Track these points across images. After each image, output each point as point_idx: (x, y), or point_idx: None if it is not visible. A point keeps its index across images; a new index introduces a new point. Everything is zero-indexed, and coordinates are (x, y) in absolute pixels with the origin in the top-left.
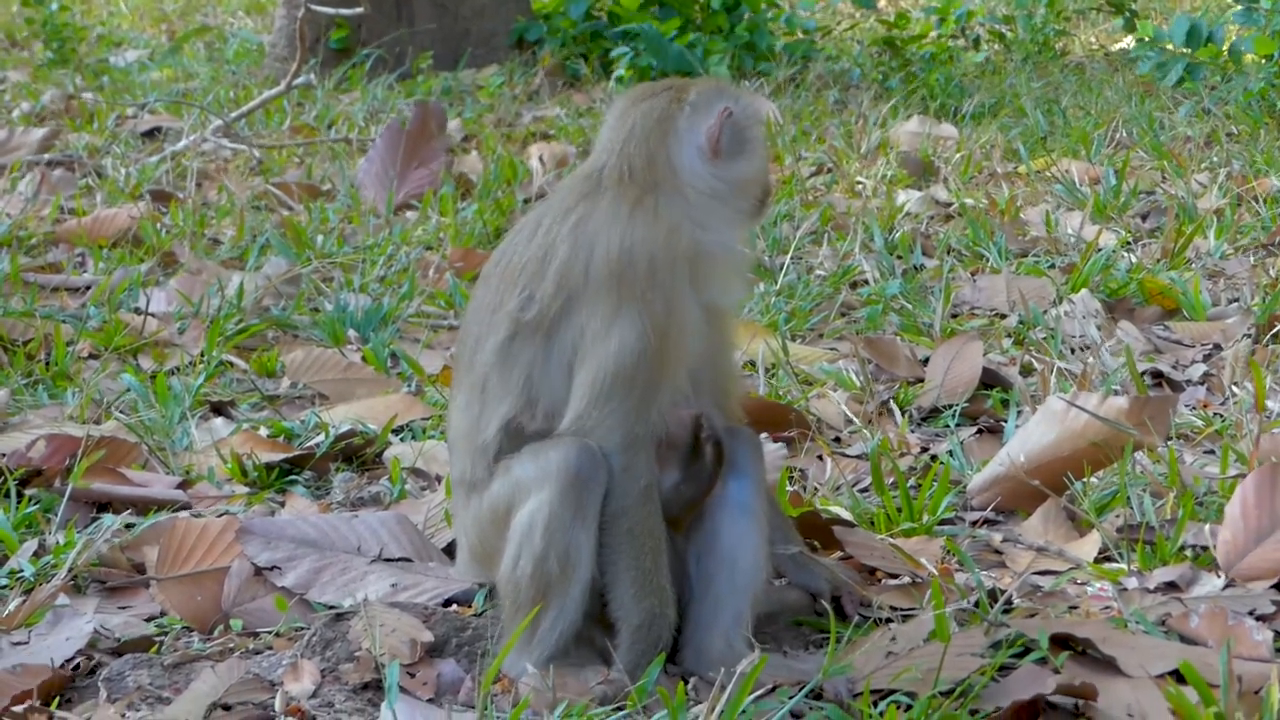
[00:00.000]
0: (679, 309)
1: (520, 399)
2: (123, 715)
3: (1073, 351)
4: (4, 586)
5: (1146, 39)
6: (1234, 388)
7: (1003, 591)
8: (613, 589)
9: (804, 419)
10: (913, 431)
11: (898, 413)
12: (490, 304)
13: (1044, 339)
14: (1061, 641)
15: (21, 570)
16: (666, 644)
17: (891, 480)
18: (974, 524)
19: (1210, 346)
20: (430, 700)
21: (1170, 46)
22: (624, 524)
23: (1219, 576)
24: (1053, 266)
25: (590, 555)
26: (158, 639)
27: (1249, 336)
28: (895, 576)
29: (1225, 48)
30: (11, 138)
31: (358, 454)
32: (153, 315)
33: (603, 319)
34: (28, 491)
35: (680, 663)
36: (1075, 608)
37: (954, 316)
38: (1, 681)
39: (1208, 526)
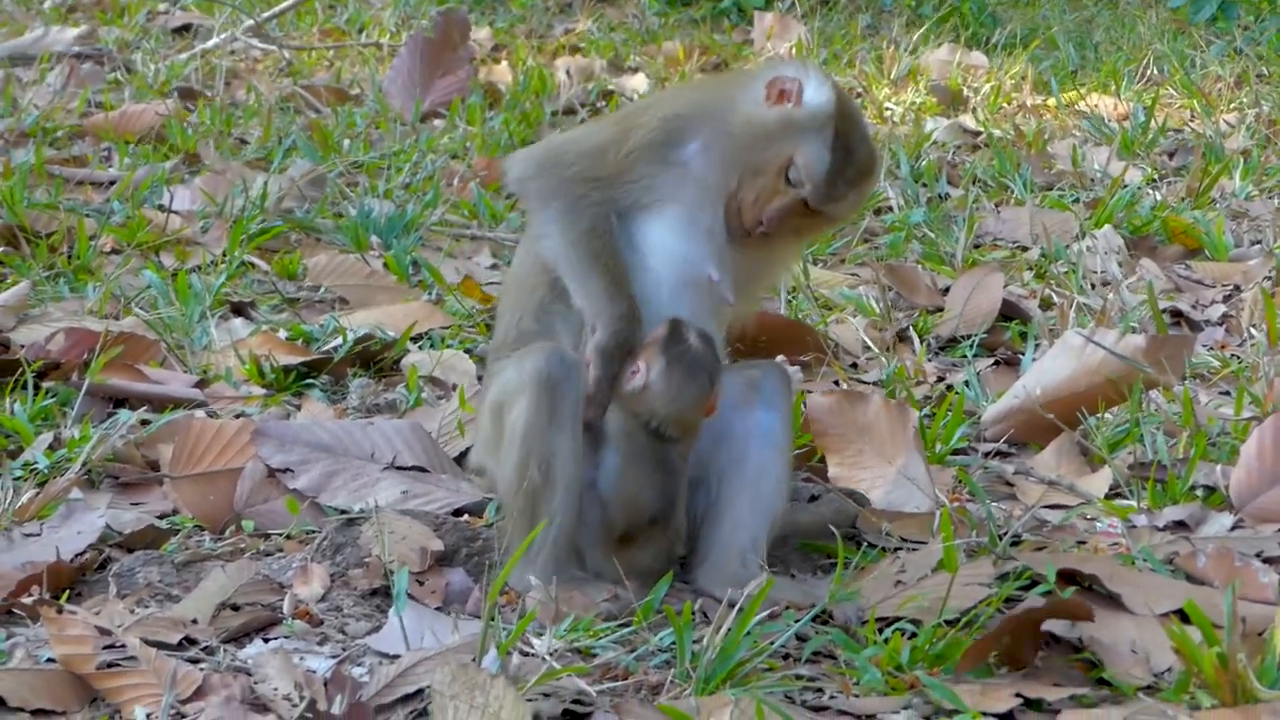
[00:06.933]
0: None
1: None
2: (132, 611)
3: (1093, 287)
4: (18, 478)
5: None
6: (1252, 330)
7: (1014, 521)
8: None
9: (822, 343)
10: (930, 360)
11: (916, 341)
12: None
13: (1065, 273)
14: (1068, 577)
15: (36, 462)
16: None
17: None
18: (987, 455)
19: (1230, 287)
20: (438, 609)
21: None
22: None
23: (1229, 515)
24: (1077, 201)
25: (571, 460)
26: (169, 537)
27: (1270, 279)
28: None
29: None
30: (47, 35)
31: (375, 360)
32: (176, 213)
33: None
34: (45, 384)
35: (693, 581)
36: (1084, 543)
37: (976, 247)
38: (5, 575)
39: (1219, 467)
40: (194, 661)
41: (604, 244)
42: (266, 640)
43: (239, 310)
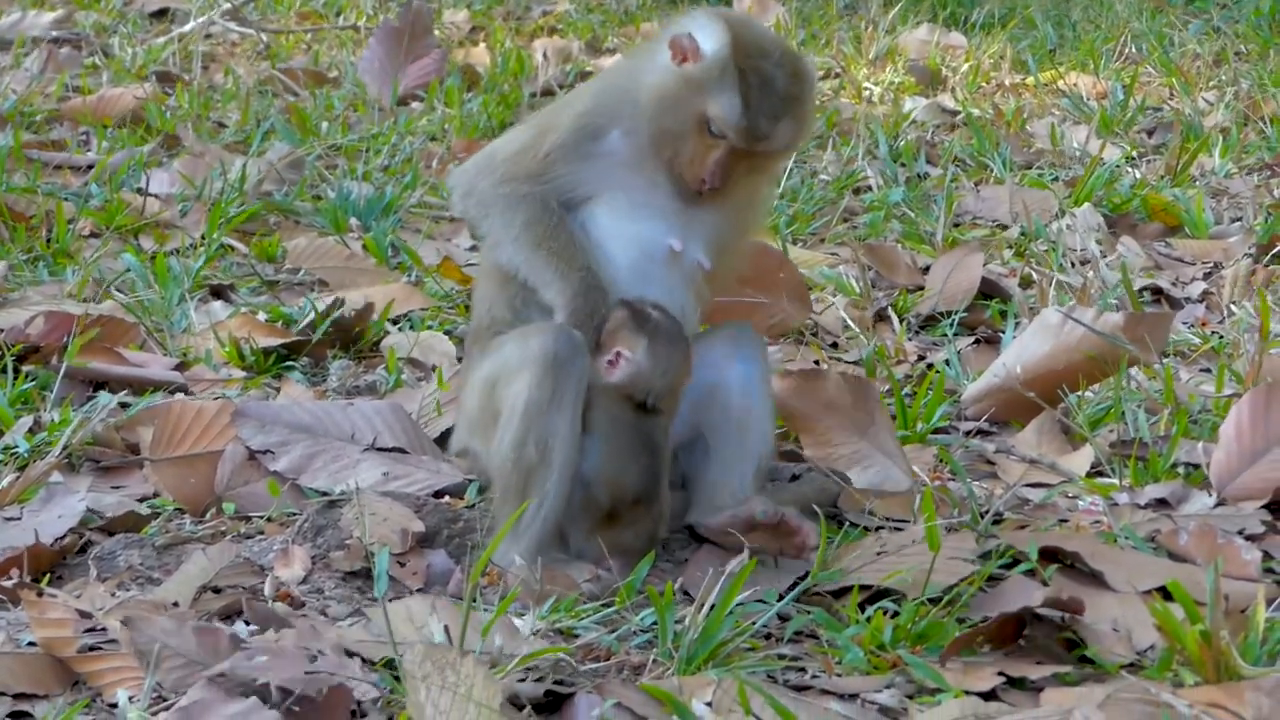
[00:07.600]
0: None
1: None
2: (112, 594)
3: (1073, 265)
4: None
5: None
6: (1232, 306)
7: (995, 500)
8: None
9: (798, 279)
10: (910, 339)
11: (896, 320)
12: None
13: (1045, 251)
14: (1050, 555)
15: (16, 446)
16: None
17: (886, 388)
18: (968, 434)
19: (1211, 265)
20: (420, 590)
21: None
22: None
23: (1210, 494)
24: (1056, 179)
25: (569, 442)
26: (150, 520)
27: (1250, 256)
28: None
29: None
30: (23, 19)
31: (355, 342)
32: (154, 196)
33: None
34: (24, 368)
35: (689, 518)
36: (1065, 521)
37: (956, 226)
38: None
39: (1201, 444)
40: None
41: (545, 229)
42: (247, 623)
43: (218, 293)
